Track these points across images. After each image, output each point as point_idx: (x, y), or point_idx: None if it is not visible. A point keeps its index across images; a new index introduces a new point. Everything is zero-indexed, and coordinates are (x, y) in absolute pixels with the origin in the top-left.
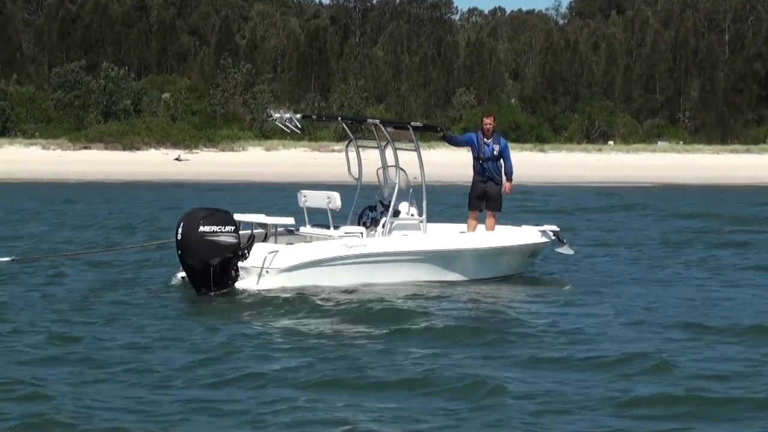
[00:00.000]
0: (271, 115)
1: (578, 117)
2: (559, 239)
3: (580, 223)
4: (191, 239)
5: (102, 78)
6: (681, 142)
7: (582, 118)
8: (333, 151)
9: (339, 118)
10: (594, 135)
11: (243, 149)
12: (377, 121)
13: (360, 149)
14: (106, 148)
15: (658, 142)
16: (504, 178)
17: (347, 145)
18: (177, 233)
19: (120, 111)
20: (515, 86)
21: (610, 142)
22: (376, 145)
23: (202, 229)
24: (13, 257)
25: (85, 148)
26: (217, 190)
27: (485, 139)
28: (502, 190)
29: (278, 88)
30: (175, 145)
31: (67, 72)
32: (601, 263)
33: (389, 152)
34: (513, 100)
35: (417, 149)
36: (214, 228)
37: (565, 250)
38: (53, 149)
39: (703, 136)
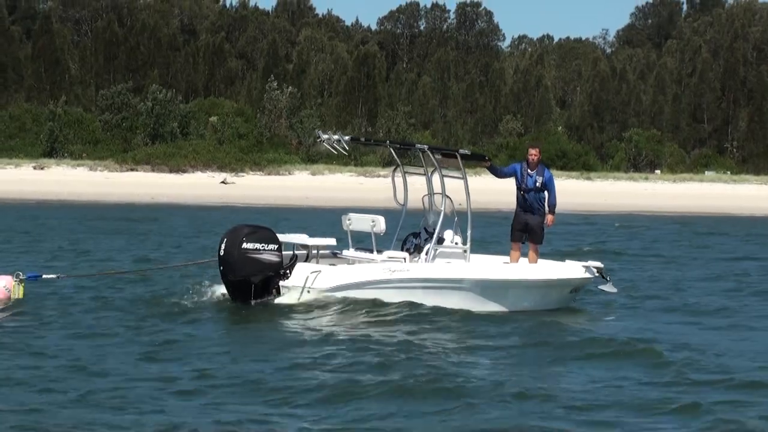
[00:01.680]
0: (320, 136)
1: (625, 145)
2: (602, 276)
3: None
4: (234, 256)
5: (149, 100)
6: (728, 172)
7: (629, 147)
8: (379, 176)
9: (387, 142)
10: (641, 164)
11: (289, 173)
12: (425, 147)
13: (406, 175)
14: (153, 170)
15: (705, 172)
16: (547, 209)
17: (393, 171)
18: (220, 249)
19: (167, 133)
20: (562, 114)
21: (657, 171)
22: (423, 172)
23: (245, 246)
24: (58, 275)
25: (132, 170)
26: (260, 213)
27: (529, 170)
28: (545, 222)
29: (325, 112)
30: (222, 168)
31: (114, 94)
32: None
33: (436, 179)
34: (560, 128)
35: (464, 177)
36: (257, 245)
37: (609, 287)
38: (100, 170)
39: (750, 167)
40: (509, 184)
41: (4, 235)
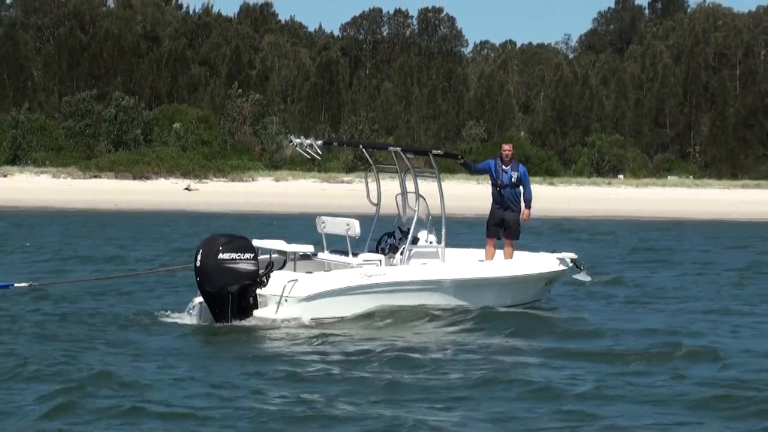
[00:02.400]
0: (291, 141)
1: (588, 150)
2: (576, 266)
3: None
4: (210, 266)
5: (113, 107)
6: (691, 177)
7: (592, 152)
8: (342, 182)
9: (360, 145)
10: (604, 169)
11: (252, 179)
12: (398, 148)
13: (380, 176)
14: (116, 177)
15: (668, 177)
16: (522, 205)
17: (367, 172)
18: (196, 260)
19: (130, 140)
20: (525, 119)
21: (620, 176)
22: (396, 172)
23: (221, 256)
24: (30, 283)
25: (95, 176)
26: (225, 219)
27: (504, 166)
28: (521, 217)
29: (288, 118)
30: (185, 174)
31: (77, 101)
32: None
33: (409, 179)
34: (523, 133)
35: (438, 177)
36: (234, 255)
37: (582, 276)
38: (63, 177)
39: (713, 171)
40: (470, 189)
41: None
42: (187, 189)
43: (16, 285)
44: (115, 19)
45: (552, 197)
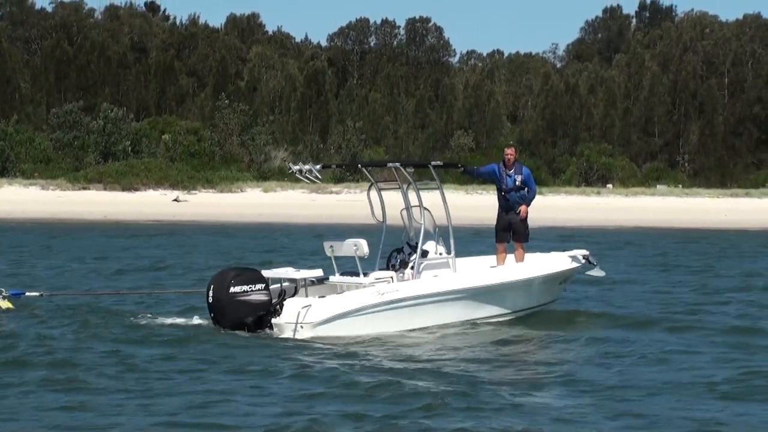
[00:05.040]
0: (291, 168)
1: (577, 160)
2: (589, 262)
3: None
4: (223, 301)
5: (101, 119)
6: (680, 186)
7: (580, 161)
8: (331, 192)
9: (359, 165)
10: (592, 178)
11: (241, 190)
12: (398, 164)
13: (381, 192)
14: (105, 189)
15: (657, 186)
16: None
17: (369, 189)
18: (208, 296)
19: (119, 152)
20: (514, 129)
21: (609, 185)
22: (397, 187)
23: (233, 290)
24: (41, 293)
25: (84, 188)
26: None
27: (507, 171)
28: (518, 212)
29: (277, 129)
30: (174, 186)
31: (65, 113)
32: None
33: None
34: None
35: (440, 188)
36: (245, 288)
37: (596, 272)
38: (52, 189)
39: (702, 180)
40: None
41: None
42: (175, 200)
43: (27, 294)
44: (102, 31)
45: (541, 207)
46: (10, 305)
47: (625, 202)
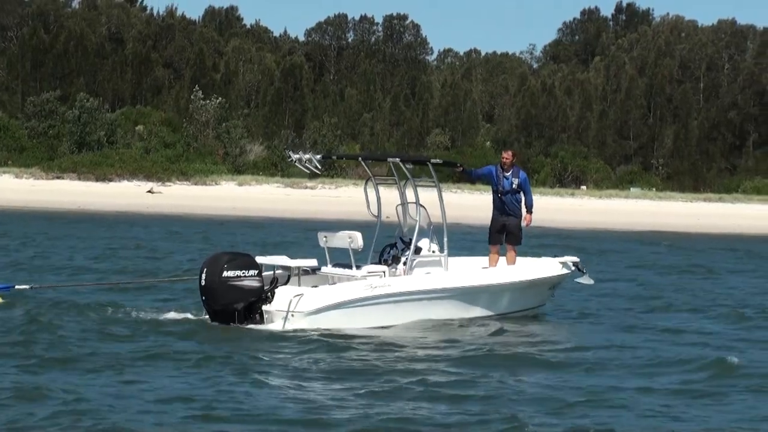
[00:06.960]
0: (290, 157)
1: (551, 161)
2: (578, 269)
3: None
4: (215, 284)
5: (76, 108)
6: (653, 189)
7: (555, 163)
8: (306, 187)
9: (359, 157)
10: (567, 179)
11: (216, 183)
12: (397, 159)
13: (378, 186)
14: (79, 179)
15: (631, 189)
16: (524, 210)
17: (366, 183)
18: (201, 279)
19: (93, 142)
20: (490, 128)
21: (583, 187)
22: (394, 183)
23: (226, 274)
24: (32, 285)
25: (58, 177)
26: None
27: (504, 173)
28: (522, 222)
29: (252, 123)
30: (148, 177)
31: (41, 101)
32: None
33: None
34: (488, 143)
35: (437, 186)
36: (238, 273)
37: (585, 279)
38: (26, 178)
39: (675, 184)
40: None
41: None
42: (150, 192)
43: (17, 287)
44: (79, 20)
45: None
46: (0, 299)
47: (599, 204)
